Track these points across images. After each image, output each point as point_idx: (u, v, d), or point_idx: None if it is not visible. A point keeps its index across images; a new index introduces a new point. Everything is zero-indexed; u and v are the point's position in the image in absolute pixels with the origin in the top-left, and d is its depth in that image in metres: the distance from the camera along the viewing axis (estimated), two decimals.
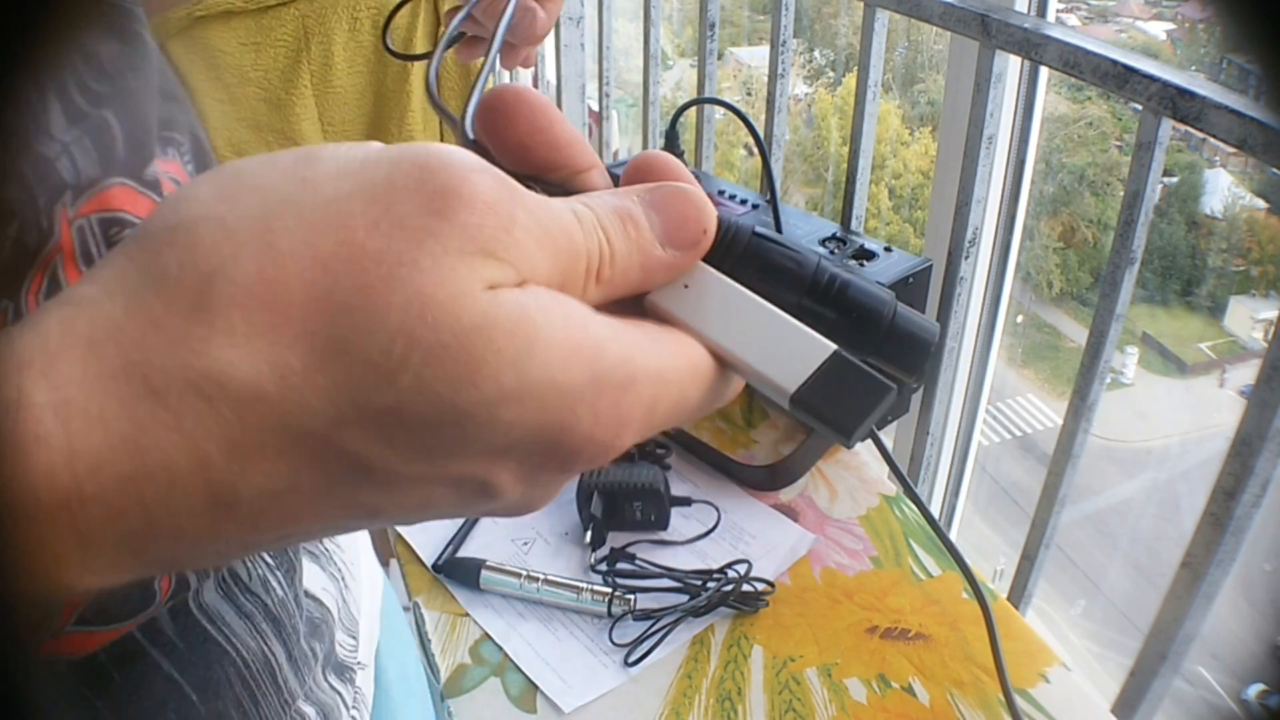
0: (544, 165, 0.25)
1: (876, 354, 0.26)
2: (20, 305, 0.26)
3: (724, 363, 0.25)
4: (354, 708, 0.42)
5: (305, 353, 0.18)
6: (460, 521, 0.82)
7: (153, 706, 0.30)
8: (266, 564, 0.35)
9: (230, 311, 0.18)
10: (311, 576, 0.40)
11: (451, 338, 0.19)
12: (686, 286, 0.25)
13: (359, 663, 0.44)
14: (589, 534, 0.80)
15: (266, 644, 0.34)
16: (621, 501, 0.80)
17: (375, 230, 0.19)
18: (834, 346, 0.25)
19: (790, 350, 0.25)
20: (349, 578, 0.44)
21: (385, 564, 0.66)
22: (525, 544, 0.82)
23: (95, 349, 0.18)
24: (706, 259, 0.26)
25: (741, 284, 0.25)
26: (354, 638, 0.43)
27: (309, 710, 0.37)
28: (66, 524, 0.17)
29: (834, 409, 0.24)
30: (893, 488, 0.88)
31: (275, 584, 0.35)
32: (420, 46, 1.83)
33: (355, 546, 0.47)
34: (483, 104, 0.26)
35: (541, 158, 0.25)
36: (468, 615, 0.75)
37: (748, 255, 0.26)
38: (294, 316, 0.18)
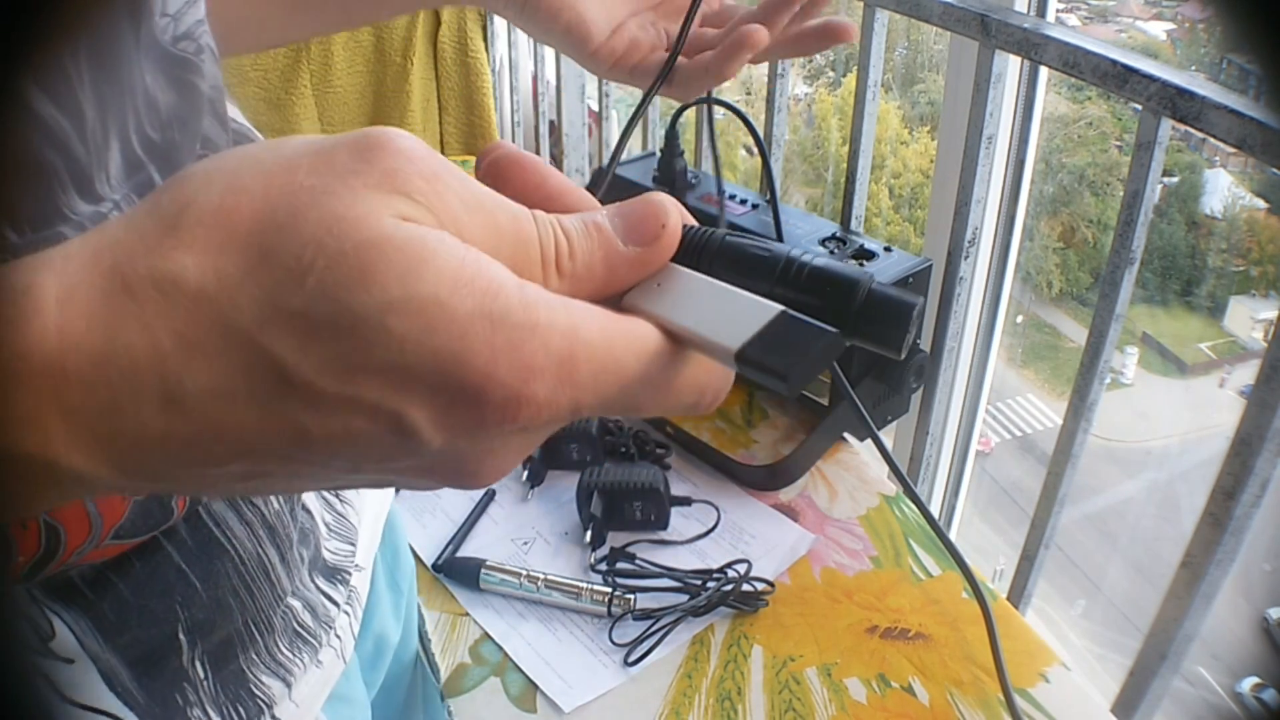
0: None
1: (857, 332, 0.27)
2: None
3: (680, 341, 0.26)
4: (348, 605, 0.47)
5: (241, 261, 0.22)
6: (460, 521, 0.83)
7: (164, 589, 0.35)
8: None
9: (194, 229, 0.22)
10: (306, 494, 0.44)
11: (351, 246, 0.22)
12: (659, 285, 0.27)
13: (356, 565, 0.48)
14: (589, 534, 0.80)
15: (262, 548, 0.39)
16: (621, 501, 0.80)
17: (313, 172, 0.23)
18: (781, 308, 0.25)
19: (737, 316, 0.25)
20: (348, 492, 0.48)
21: None
22: (525, 544, 0.82)
23: (97, 255, 0.22)
24: (682, 261, 0.27)
25: (716, 278, 0.27)
26: (351, 544, 0.48)
27: (296, 604, 0.42)
28: (51, 392, 0.21)
29: (776, 359, 0.24)
30: (893, 487, 0.88)
31: (274, 497, 0.40)
32: (420, 46, 1.83)
33: None
34: (478, 167, 0.28)
35: (542, 209, 0.27)
36: (467, 615, 0.76)
37: (721, 253, 0.27)
38: (239, 234, 0.22)
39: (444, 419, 0.23)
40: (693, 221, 0.29)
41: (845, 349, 0.26)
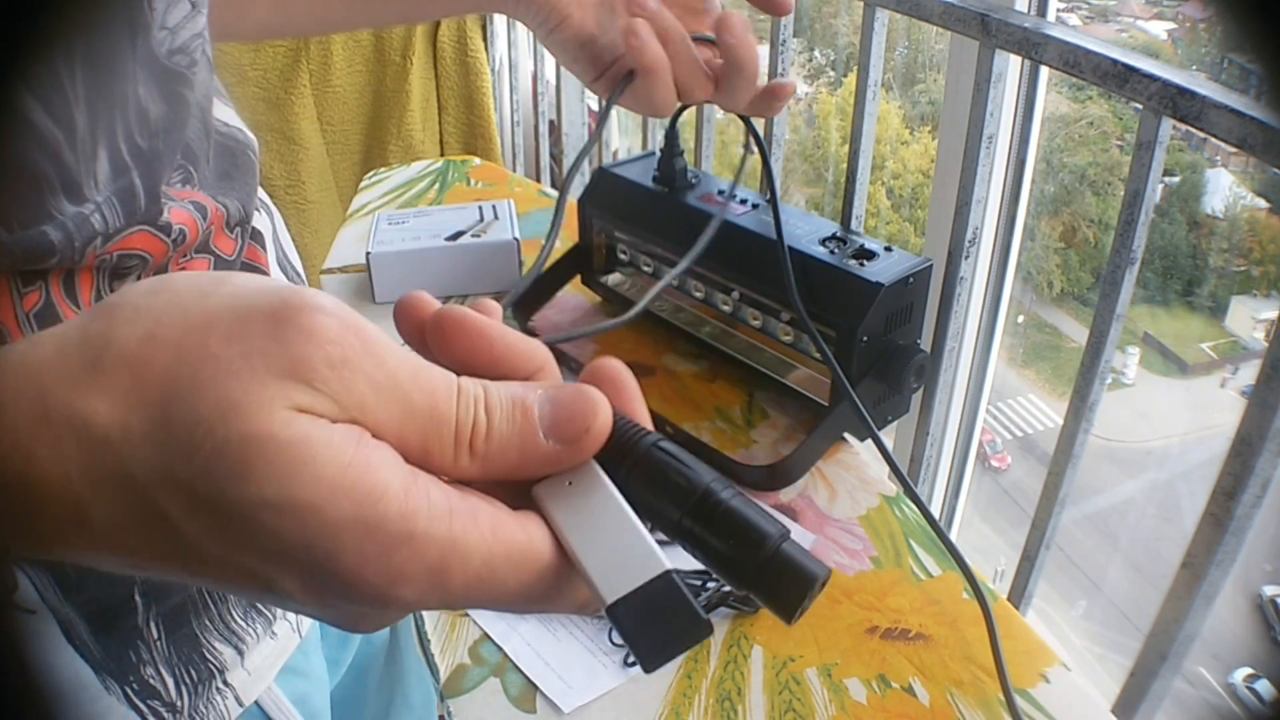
0: (489, 376, 0.27)
1: (754, 585, 0.26)
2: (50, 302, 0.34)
3: (572, 562, 0.26)
4: None
5: (143, 420, 0.23)
6: None
7: None
8: None
9: (110, 374, 0.23)
10: None
11: (237, 437, 0.22)
12: (570, 484, 0.26)
13: None
14: None
15: None
16: None
17: (226, 340, 0.23)
18: (667, 566, 0.25)
19: (627, 559, 0.25)
20: None
21: None
22: None
23: (30, 374, 0.24)
24: (607, 456, 0.27)
25: (630, 490, 0.26)
26: None
27: None
28: None
29: (642, 632, 0.24)
30: (893, 488, 0.88)
31: None
32: (419, 46, 1.82)
33: None
34: (426, 327, 0.28)
35: (484, 373, 0.28)
36: (467, 615, 0.75)
37: (642, 465, 0.27)
38: (146, 391, 0.23)
39: (318, 593, 0.24)
40: (638, 414, 0.28)
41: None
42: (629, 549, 0.25)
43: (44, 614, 0.36)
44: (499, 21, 1.85)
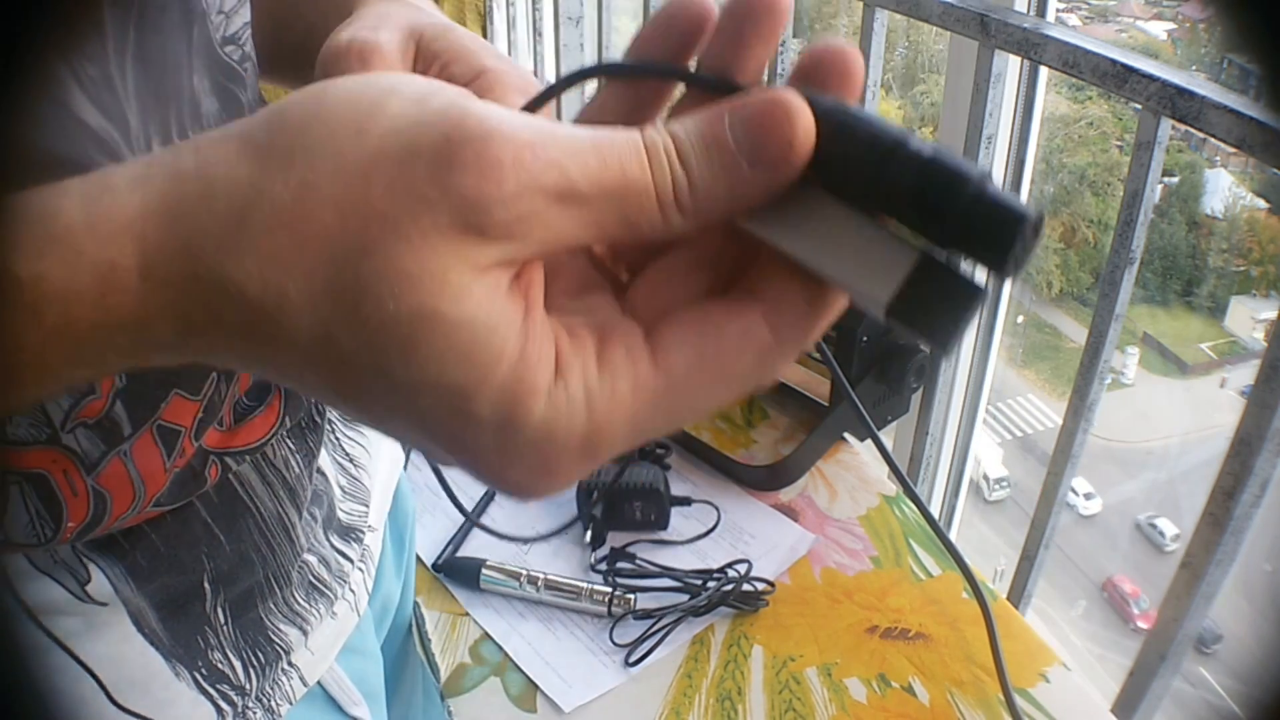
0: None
1: (960, 235, 0.23)
2: None
3: (815, 278, 0.24)
4: (362, 562, 0.50)
5: (302, 289, 0.22)
6: (461, 521, 0.83)
7: (192, 542, 0.39)
8: (289, 448, 0.43)
9: (264, 235, 0.22)
10: (321, 459, 0.47)
11: (406, 315, 0.21)
12: (782, 203, 0.24)
13: (369, 526, 0.51)
14: (589, 534, 0.80)
15: (283, 507, 0.42)
16: (621, 501, 0.80)
17: (390, 194, 0.21)
18: (917, 248, 0.23)
19: (877, 259, 0.23)
20: (363, 457, 0.52)
21: None
22: (525, 544, 0.82)
23: (173, 221, 0.22)
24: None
25: (825, 166, 0.24)
26: (365, 506, 0.51)
27: (312, 559, 0.45)
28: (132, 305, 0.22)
29: (929, 319, 0.23)
30: (893, 487, 0.88)
31: (294, 463, 0.43)
32: None
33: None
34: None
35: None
36: (468, 615, 0.76)
37: (828, 134, 0.24)
38: (306, 255, 0.21)
39: (459, 466, 0.24)
40: (849, 88, 0.25)
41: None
42: (873, 248, 0.23)
43: (115, 605, 0.37)
44: (499, 22, 1.85)
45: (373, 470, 0.53)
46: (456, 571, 0.78)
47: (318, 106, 0.23)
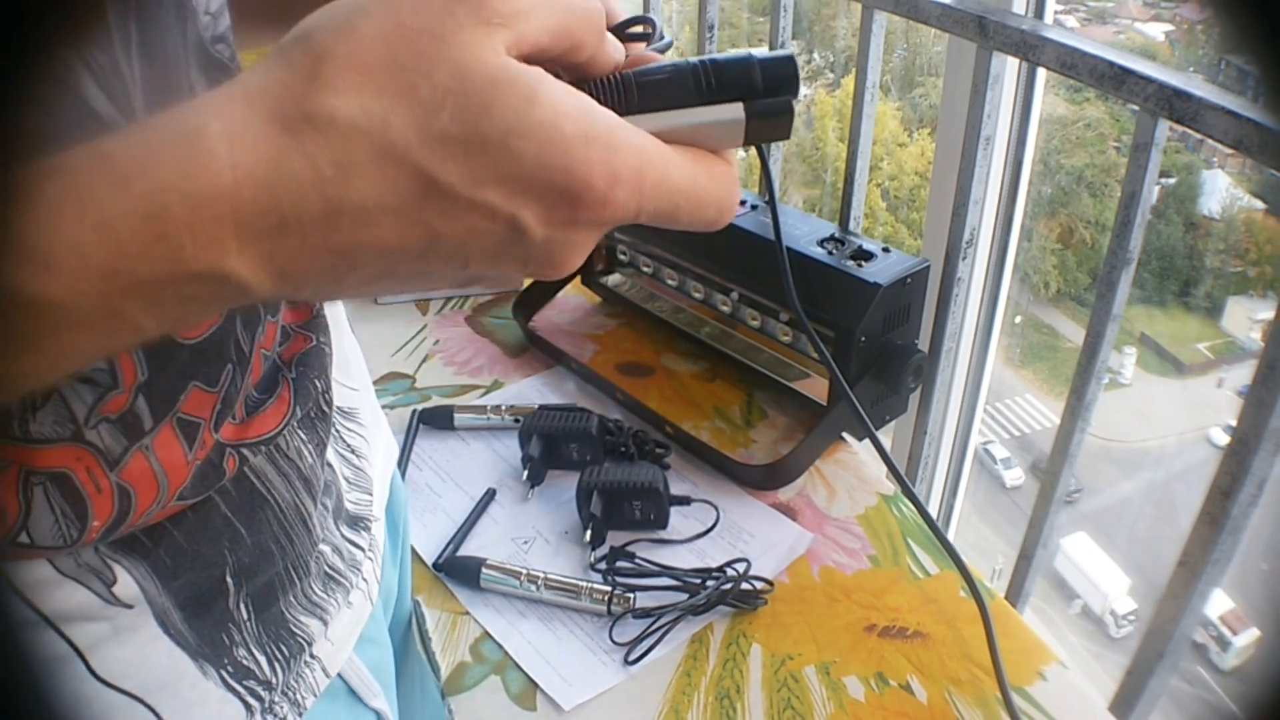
0: None
1: (771, 85, 0.34)
2: None
3: (697, 141, 0.32)
4: (370, 551, 0.51)
5: (385, 102, 0.26)
6: (461, 520, 0.83)
7: (214, 535, 0.40)
8: (301, 438, 0.44)
9: (334, 76, 0.26)
10: (327, 452, 0.48)
11: (473, 87, 0.26)
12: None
13: (374, 516, 0.52)
14: (589, 533, 0.80)
15: (299, 497, 0.43)
16: (621, 500, 0.81)
17: (416, 13, 0.27)
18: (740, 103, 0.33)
19: (714, 112, 0.33)
20: (364, 448, 0.54)
21: None
22: (525, 543, 0.82)
23: (250, 101, 0.26)
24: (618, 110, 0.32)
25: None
26: (369, 494, 0.52)
27: (327, 549, 0.46)
28: (230, 217, 0.25)
29: (773, 104, 0.33)
30: (891, 487, 0.88)
31: (307, 454, 0.44)
32: None
33: (375, 422, 0.57)
34: None
35: None
36: (468, 614, 0.76)
37: (643, 96, 0.33)
38: (374, 77, 0.26)
39: (549, 216, 0.28)
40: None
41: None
42: (705, 112, 0.33)
43: (141, 607, 0.37)
44: None
45: (371, 459, 0.54)
46: (457, 570, 0.78)
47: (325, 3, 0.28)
